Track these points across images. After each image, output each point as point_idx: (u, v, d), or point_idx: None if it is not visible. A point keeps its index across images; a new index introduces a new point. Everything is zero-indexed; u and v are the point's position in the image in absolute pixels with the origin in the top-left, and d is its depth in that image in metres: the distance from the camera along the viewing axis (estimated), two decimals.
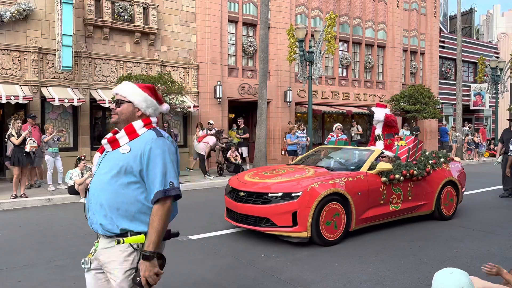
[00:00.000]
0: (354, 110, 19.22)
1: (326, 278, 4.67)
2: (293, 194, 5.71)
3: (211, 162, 14.27)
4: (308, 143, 14.60)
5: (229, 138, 14.74)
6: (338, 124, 12.39)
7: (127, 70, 14.04)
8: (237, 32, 16.83)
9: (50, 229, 6.94)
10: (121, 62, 14.00)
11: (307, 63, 14.49)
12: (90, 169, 9.51)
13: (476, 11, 31.29)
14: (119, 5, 13.64)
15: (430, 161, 7.37)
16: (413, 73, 23.50)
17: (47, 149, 10.39)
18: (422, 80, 23.70)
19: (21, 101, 11.43)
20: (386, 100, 20.73)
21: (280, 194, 5.77)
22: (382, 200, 6.51)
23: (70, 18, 11.94)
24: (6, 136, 9.44)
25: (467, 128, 20.92)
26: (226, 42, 16.34)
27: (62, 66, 12.03)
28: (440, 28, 25.59)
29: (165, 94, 12.49)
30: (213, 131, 13.22)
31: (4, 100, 11.10)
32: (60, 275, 4.75)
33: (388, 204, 6.63)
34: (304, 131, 14.64)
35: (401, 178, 6.66)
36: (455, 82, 23.74)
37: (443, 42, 25.48)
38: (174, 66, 15.13)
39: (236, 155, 13.52)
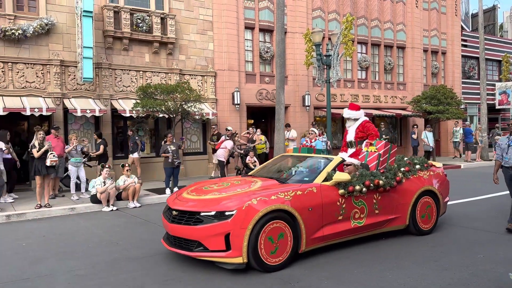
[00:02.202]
0: (375, 112, 18.97)
1: (344, 286, 4.60)
2: (226, 213, 4.96)
3: (230, 168, 14.31)
4: (329, 147, 14.47)
5: (248, 144, 14.74)
6: (312, 128, 11.25)
7: (147, 79, 14.26)
8: (253, 38, 16.89)
9: (72, 238, 7.08)
10: (141, 72, 14.23)
11: (325, 66, 14.40)
12: (112, 178, 9.66)
13: (499, 7, 30.53)
14: (138, 16, 13.88)
15: (402, 169, 6.56)
16: (435, 74, 23.07)
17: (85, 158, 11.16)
18: (444, 80, 23.24)
19: (44, 113, 11.74)
20: (407, 101, 20.41)
21: (212, 213, 5.01)
22: (341, 216, 5.69)
23: (90, 30, 12.23)
24: (30, 147, 9.70)
25: (499, 132, 19.98)
26: (243, 49, 16.42)
27: (84, 78, 12.31)
28: (462, 27, 25.05)
29: (184, 102, 12.63)
30: (223, 137, 13.32)
31: (28, 113, 11.43)
32: (80, 285, 4.83)
33: (349, 220, 5.81)
34: (325, 136, 14.52)
35: (364, 189, 5.84)
36: (479, 81, 23.18)
37: (465, 40, 24.93)
38: (192, 74, 15.28)
39: (255, 161, 13.52)
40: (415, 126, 18.62)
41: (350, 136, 7.31)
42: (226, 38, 15.77)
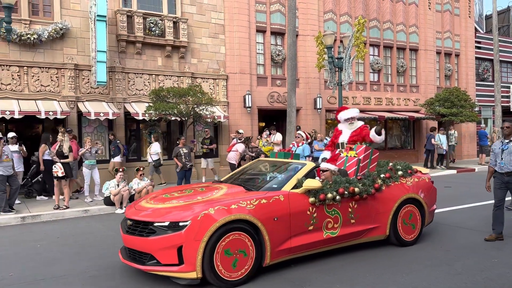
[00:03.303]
0: (387, 115, 18.84)
1: None
2: (180, 224, 4.60)
3: None
4: None
5: (258, 147, 14.74)
6: (299, 132, 10.51)
7: (159, 83, 14.38)
8: (265, 42, 16.93)
9: (86, 240, 7.17)
10: (153, 75, 14.36)
11: (337, 69, 14.38)
12: (124, 180, 9.76)
13: None
14: (150, 20, 14.02)
15: (382, 175, 6.12)
16: (448, 76, 22.84)
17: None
18: (457, 83, 22.98)
19: (59, 116, 11.91)
20: (420, 104, 20.23)
21: (166, 223, 4.66)
22: (311, 226, 5.27)
23: (103, 34, 12.39)
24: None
25: None
26: (254, 52, 16.47)
27: (97, 81, 12.47)
28: (476, 29, 24.77)
29: (196, 105, 12.71)
30: (235, 140, 13.33)
31: (43, 116, 11.61)
32: (95, 286, 4.89)
33: (321, 230, 5.39)
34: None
35: (337, 197, 5.44)
36: (493, 84, 22.88)
37: (479, 42, 24.64)
38: (204, 78, 15.37)
39: None
40: (436, 129, 18.23)
41: (344, 137, 6.83)
42: (238, 41, 15.83)
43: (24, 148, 10.94)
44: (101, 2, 12.13)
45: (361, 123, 6.91)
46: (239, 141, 13.28)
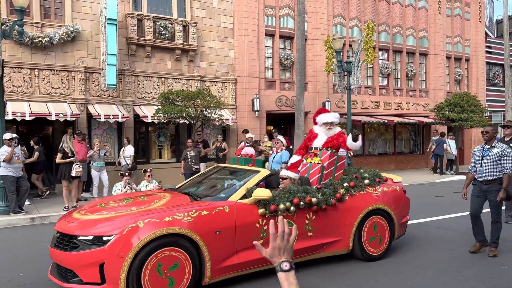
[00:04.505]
0: (397, 119, 18.75)
1: None
2: (104, 238, 4.19)
3: None
4: (350, 154, 14.38)
5: (266, 151, 14.70)
6: (278, 137, 10.02)
7: (168, 86, 14.46)
8: (274, 45, 16.96)
9: None
10: (163, 79, 14.45)
11: (345, 73, 14.35)
12: (130, 183, 9.81)
13: None
14: (160, 24, 14.13)
15: (346, 184, 5.62)
16: (458, 81, 22.68)
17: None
18: (467, 88, 22.81)
19: (69, 119, 12.02)
20: (430, 108, 20.11)
21: (90, 237, 4.25)
22: (261, 239, 4.79)
23: (114, 38, 12.50)
24: (59, 150, 10.00)
25: None
26: (263, 56, 16.51)
27: (107, 84, 12.57)
28: (486, 33, 24.60)
29: (204, 108, 12.75)
30: (243, 144, 13.25)
31: (53, 118, 11.73)
32: None
33: None
34: None
35: (292, 208, 5.00)
36: (503, 89, 22.67)
37: (489, 47, 24.46)
38: (213, 81, 15.43)
39: None
40: (450, 134, 17.90)
41: (319, 142, 6.25)
42: (247, 45, 15.89)
43: (26, 149, 11.05)
44: (111, 6, 12.25)
45: (339, 129, 6.45)
46: (247, 144, 13.26)
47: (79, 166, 9.77)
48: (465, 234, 7.14)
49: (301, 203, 5.08)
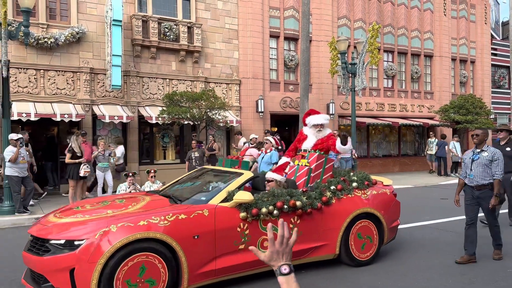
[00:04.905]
0: (401, 121, 18.69)
1: None
2: (75, 243, 4.04)
3: None
4: (354, 156, 14.35)
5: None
6: (267, 137, 9.82)
7: (173, 87, 14.49)
8: (278, 47, 16.97)
9: None
10: (167, 80, 14.49)
11: (350, 75, 14.33)
12: (133, 183, 9.83)
13: None
14: (165, 25, 14.17)
15: (333, 187, 5.44)
16: (463, 83, 22.59)
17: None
18: (473, 90, 22.72)
19: (74, 119, 12.08)
20: (435, 110, 20.04)
21: (62, 241, 4.11)
22: (243, 244, 4.67)
23: (119, 39, 12.55)
24: (67, 150, 10.08)
25: None
26: (267, 57, 16.51)
27: (112, 85, 12.61)
28: (492, 35, 24.51)
29: (208, 110, 12.77)
30: (247, 145, 13.22)
31: (58, 118, 11.78)
32: None
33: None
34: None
35: (275, 212, 4.85)
36: (509, 91, 22.57)
37: (495, 49, 24.36)
38: (217, 82, 15.45)
39: None
40: (456, 136, 17.73)
41: (308, 144, 6.11)
42: (251, 46, 15.90)
43: (31, 150, 11.08)
44: (117, 7, 12.30)
45: (329, 130, 6.30)
46: (251, 146, 13.26)
47: (87, 167, 9.83)
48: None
49: (285, 206, 4.93)
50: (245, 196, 4.66)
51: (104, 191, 11.23)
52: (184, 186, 5.86)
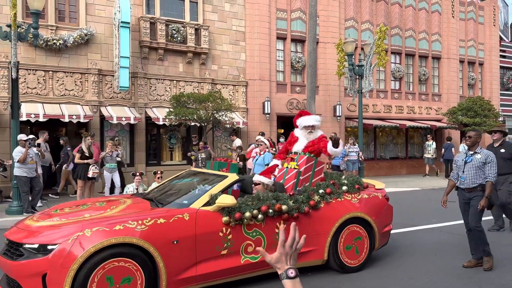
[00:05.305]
0: (409, 123, 18.61)
1: None
2: (48, 247, 3.93)
3: None
4: (361, 158, 14.33)
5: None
6: (261, 138, 9.46)
7: (180, 89, 14.55)
8: (285, 49, 16.97)
9: None
10: (175, 81, 14.55)
11: (357, 76, 14.31)
12: (143, 184, 9.88)
13: None
14: (173, 27, 14.23)
15: (321, 191, 5.26)
16: (472, 85, 22.44)
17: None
18: (481, 92, 22.55)
19: (82, 120, 12.17)
20: (442, 113, 19.92)
21: (35, 246, 3.99)
22: (225, 250, 4.55)
23: (127, 41, 12.63)
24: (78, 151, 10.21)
25: None
26: (274, 59, 16.52)
27: (120, 87, 12.70)
28: (500, 37, 24.30)
29: (215, 111, 12.80)
30: (253, 146, 13.19)
31: (67, 119, 11.88)
32: None
33: (239, 255, 4.64)
34: (356, 146, 14.38)
35: (260, 216, 4.71)
36: None
37: (503, 51, 24.16)
38: (224, 84, 15.48)
39: None
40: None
41: (299, 146, 5.95)
42: (258, 48, 15.92)
43: (42, 150, 11.20)
44: (125, 9, 12.39)
45: (320, 132, 6.09)
46: (256, 146, 13.25)
47: (95, 168, 9.91)
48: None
49: (270, 210, 4.78)
50: (227, 199, 4.51)
51: (112, 191, 11.30)
52: (168, 189, 5.71)
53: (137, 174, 10.32)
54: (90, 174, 9.86)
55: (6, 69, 11.67)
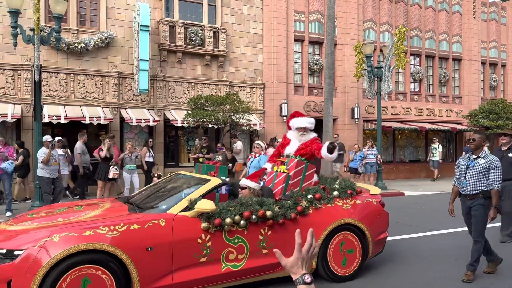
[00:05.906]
0: (429, 126, 18.33)
1: None
2: (15, 252, 3.82)
3: None
4: (379, 161, 14.18)
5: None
6: (257, 142, 9.43)
7: (198, 91, 14.66)
8: (303, 51, 16.94)
9: None
10: (193, 84, 14.67)
11: (376, 78, 14.18)
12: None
13: None
14: (191, 30, 14.37)
15: (310, 196, 5.01)
16: (493, 87, 21.99)
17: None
18: (503, 94, 22.08)
19: (102, 122, 12.37)
20: (463, 115, 19.58)
21: (3, 251, 3.87)
22: (204, 257, 4.34)
23: (146, 44, 12.80)
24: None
25: None
26: (292, 61, 16.51)
27: (139, 89, 12.87)
28: None
29: (232, 113, 12.86)
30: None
31: (87, 121, 12.09)
32: None
33: (219, 262, 4.43)
34: (375, 149, 14.25)
35: (242, 222, 4.49)
36: None
37: None
38: (241, 86, 15.54)
39: None
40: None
41: (291, 148, 5.70)
42: (276, 50, 15.93)
43: (69, 152, 11.44)
44: (144, 13, 12.56)
45: (313, 134, 5.82)
46: (267, 146, 13.20)
47: (116, 169, 10.09)
48: (493, 247, 6.90)
49: (253, 216, 4.55)
50: (206, 205, 4.30)
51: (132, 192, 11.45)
52: (151, 193, 5.52)
53: (155, 175, 10.45)
54: (110, 175, 10.05)
55: (29, 72, 11.95)
